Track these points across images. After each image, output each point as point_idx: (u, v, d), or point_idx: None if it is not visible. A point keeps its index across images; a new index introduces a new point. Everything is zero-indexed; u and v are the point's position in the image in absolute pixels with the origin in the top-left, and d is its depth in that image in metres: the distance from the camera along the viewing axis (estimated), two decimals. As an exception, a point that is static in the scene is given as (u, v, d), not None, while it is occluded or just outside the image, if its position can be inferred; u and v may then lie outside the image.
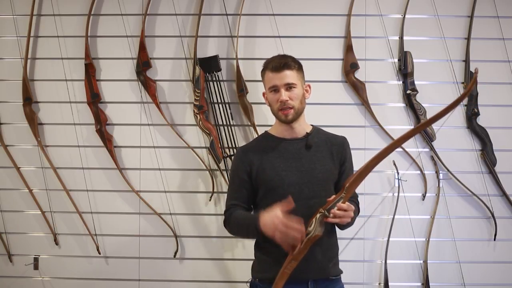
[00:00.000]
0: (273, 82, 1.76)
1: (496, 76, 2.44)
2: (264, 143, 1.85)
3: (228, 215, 1.81)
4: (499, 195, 2.43)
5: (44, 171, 2.48)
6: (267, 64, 1.81)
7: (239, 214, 1.77)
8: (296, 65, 1.79)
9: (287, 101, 1.74)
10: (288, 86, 1.75)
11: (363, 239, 2.44)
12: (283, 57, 1.79)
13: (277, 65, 1.75)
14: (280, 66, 1.75)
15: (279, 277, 1.60)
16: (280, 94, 1.75)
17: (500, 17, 2.43)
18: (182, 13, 2.48)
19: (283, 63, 1.75)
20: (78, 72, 2.47)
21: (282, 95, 1.74)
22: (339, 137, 1.89)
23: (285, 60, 1.76)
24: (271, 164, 1.78)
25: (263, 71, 1.83)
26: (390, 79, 2.46)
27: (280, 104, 1.75)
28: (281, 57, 1.80)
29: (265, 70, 1.81)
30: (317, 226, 1.58)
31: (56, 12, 2.49)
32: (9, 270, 2.50)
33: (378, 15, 2.45)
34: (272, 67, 1.77)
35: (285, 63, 1.75)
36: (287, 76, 1.75)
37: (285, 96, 1.74)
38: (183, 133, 2.47)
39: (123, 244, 2.48)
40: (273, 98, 1.78)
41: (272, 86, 1.77)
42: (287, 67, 1.75)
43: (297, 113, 1.78)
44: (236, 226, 1.77)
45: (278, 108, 1.77)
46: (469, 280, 2.41)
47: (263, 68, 1.84)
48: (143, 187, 2.48)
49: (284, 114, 1.76)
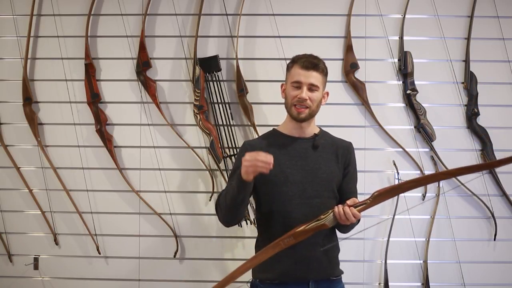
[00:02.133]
0: (298, 78, 1.76)
1: (496, 76, 2.44)
2: (272, 140, 1.84)
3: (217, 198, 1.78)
4: (499, 195, 2.43)
5: (44, 171, 2.48)
6: (297, 59, 1.80)
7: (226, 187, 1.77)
8: (325, 69, 1.80)
9: (306, 100, 1.74)
10: (312, 86, 1.75)
11: (363, 239, 2.44)
12: (316, 58, 1.79)
13: (308, 64, 1.75)
14: (310, 65, 1.75)
15: (271, 245, 1.62)
16: (301, 91, 1.75)
17: (500, 17, 2.43)
18: (182, 13, 2.48)
19: (314, 64, 1.76)
20: (78, 72, 2.47)
21: (303, 92, 1.74)
22: (345, 142, 1.90)
23: (317, 61, 1.77)
24: (276, 160, 1.76)
25: (291, 63, 1.81)
26: (390, 79, 2.46)
27: (298, 100, 1.75)
28: (313, 57, 1.79)
29: (293, 63, 1.80)
30: (330, 218, 1.61)
31: (56, 12, 2.48)
32: (9, 270, 2.50)
33: (378, 15, 2.45)
34: (302, 63, 1.76)
35: (316, 64, 1.76)
36: (313, 77, 1.75)
37: (305, 95, 1.74)
38: (183, 133, 2.47)
39: (123, 244, 2.48)
40: (292, 92, 1.77)
41: (296, 82, 1.76)
42: (316, 69, 1.76)
43: (310, 114, 1.78)
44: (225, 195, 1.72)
45: (293, 103, 1.76)
46: (469, 280, 2.41)
47: (291, 61, 1.82)
48: (143, 187, 2.48)
49: (298, 111, 1.76)
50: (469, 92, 2.42)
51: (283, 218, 1.72)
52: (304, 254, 1.72)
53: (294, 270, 1.72)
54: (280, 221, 1.72)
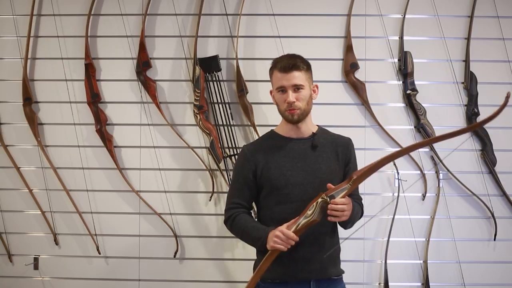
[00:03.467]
0: (280, 83, 1.75)
1: (496, 76, 2.44)
2: (270, 142, 1.84)
3: (231, 216, 1.80)
4: (499, 195, 2.43)
5: (44, 171, 2.48)
6: (275, 63, 1.79)
7: (245, 221, 1.77)
8: (305, 65, 1.78)
9: (294, 102, 1.74)
10: (296, 87, 1.74)
11: (363, 239, 2.44)
12: (292, 57, 1.78)
13: (285, 66, 1.74)
14: (288, 66, 1.73)
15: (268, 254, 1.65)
16: (287, 95, 1.74)
17: (500, 17, 2.43)
18: (182, 13, 2.48)
19: (292, 64, 1.74)
20: (78, 72, 2.47)
21: (289, 96, 1.73)
22: (344, 138, 1.89)
23: (294, 61, 1.75)
24: (276, 163, 1.77)
25: (271, 69, 1.81)
26: (390, 79, 2.46)
27: (287, 105, 1.75)
28: (290, 57, 1.78)
29: (273, 69, 1.80)
30: (317, 211, 1.60)
31: (56, 12, 2.48)
32: (9, 270, 2.50)
33: (378, 15, 2.45)
34: (280, 67, 1.75)
35: (293, 64, 1.74)
36: (295, 77, 1.74)
37: (292, 98, 1.73)
38: (183, 133, 2.47)
39: (123, 244, 2.48)
40: (280, 98, 1.77)
41: (280, 87, 1.76)
42: (296, 68, 1.74)
43: (303, 114, 1.77)
44: (241, 233, 1.78)
45: (285, 108, 1.76)
46: (469, 280, 2.41)
47: (271, 66, 1.82)
48: (143, 187, 2.48)
49: (290, 113, 1.76)
50: (469, 92, 2.42)
51: (285, 220, 1.72)
52: (305, 254, 1.72)
53: (295, 269, 1.73)
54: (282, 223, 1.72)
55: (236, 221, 1.78)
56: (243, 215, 1.79)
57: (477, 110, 2.41)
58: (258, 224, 1.77)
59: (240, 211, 1.80)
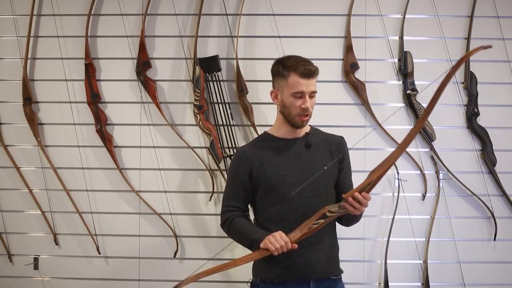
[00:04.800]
0: (301, 88, 1.71)
1: (496, 76, 2.44)
2: (264, 144, 1.85)
3: (228, 218, 1.80)
4: (499, 195, 2.43)
5: (44, 171, 2.48)
6: (294, 66, 1.72)
7: (242, 224, 1.77)
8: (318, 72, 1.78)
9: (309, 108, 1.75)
10: (312, 93, 1.75)
11: (363, 239, 2.44)
12: (310, 63, 1.74)
13: (307, 72, 1.71)
14: (310, 73, 1.72)
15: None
16: (305, 101, 1.72)
17: (500, 17, 2.43)
18: (182, 13, 2.48)
19: (313, 71, 1.73)
20: (78, 72, 2.47)
21: (307, 102, 1.72)
22: (337, 137, 1.89)
23: (314, 68, 1.74)
24: (271, 163, 1.78)
25: (287, 71, 1.74)
26: (390, 79, 2.46)
27: (302, 110, 1.73)
28: (309, 63, 1.74)
29: (289, 71, 1.73)
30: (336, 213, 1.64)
31: (56, 12, 2.49)
32: (9, 270, 2.50)
33: (378, 15, 2.45)
34: (302, 72, 1.71)
35: (314, 71, 1.73)
36: (313, 84, 1.74)
37: (309, 104, 1.73)
38: (183, 133, 2.47)
39: (123, 244, 2.48)
40: (295, 102, 1.73)
41: (299, 92, 1.72)
42: (314, 75, 1.74)
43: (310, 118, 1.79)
44: (238, 236, 1.78)
45: (298, 113, 1.74)
46: (469, 280, 2.41)
47: (285, 67, 1.75)
48: (143, 187, 2.48)
49: (302, 120, 1.76)
50: (469, 92, 2.42)
51: (282, 220, 1.73)
52: (304, 254, 1.72)
53: (294, 269, 1.73)
54: (279, 223, 1.72)
55: (234, 224, 1.78)
56: (241, 218, 1.79)
57: (477, 110, 2.41)
58: (256, 227, 1.78)
59: (237, 214, 1.80)
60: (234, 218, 1.79)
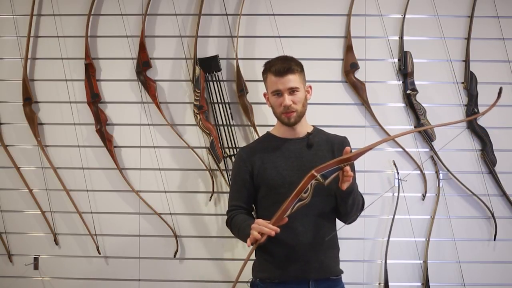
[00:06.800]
0: (276, 87, 1.76)
1: (496, 76, 2.44)
2: (266, 143, 1.85)
3: (230, 217, 1.84)
4: (499, 195, 2.43)
5: (44, 171, 2.48)
6: (269, 67, 1.79)
7: (240, 220, 1.78)
8: (299, 68, 1.78)
9: (290, 105, 1.74)
10: (291, 90, 1.75)
11: (363, 239, 2.44)
12: (286, 61, 1.77)
13: (280, 69, 1.73)
14: (283, 70, 1.73)
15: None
16: (283, 99, 1.74)
17: (500, 17, 2.43)
18: (182, 13, 2.48)
19: (287, 68, 1.74)
20: (78, 72, 2.47)
21: (286, 100, 1.74)
22: (339, 137, 1.90)
23: (288, 64, 1.75)
24: (272, 163, 1.78)
25: (265, 73, 1.81)
26: (390, 79, 2.46)
27: (284, 108, 1.75)
28: (283, 61, 1.77)
29: (267, 72, 1.80)
30: (310, 194, 1.57)
31: (56, 12, 2.49)
32: (9, 270, 2.50)
33: (378, 15, 2.45)
34: (275, 71, 1.74)
35: (288, 68, 1.74)
36: (290, 81, 1.74)
37: (288, 101, 1.74)
38: (183, 133, 2.47)
39: (123, 244, 2.48)
40: (276, 101, 1.78)
41: (275, 91, 1.76)
42: (290, 72, 1.74)
43: (299, 116, 1.78)
44: (237, 232, 1.80)
45: (281, 111, 1.77)
46: (469, 280, 2.41)
47: (264, 69, 1.82)
48: (143, 187, 2.48)
49: (287, 117, 1.77)
50: (469, 92, 2.42)
51: None
52: (304, 253, 1.72)
53: (294, 269, 1.73)
54: None
55: (234, 221, 1.81)
56: (240, 215, 1.81)
57: (477, 110, 2.40)
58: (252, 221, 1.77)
59: (239, 212, 1.82)
60: (235, 216, 1.81)
